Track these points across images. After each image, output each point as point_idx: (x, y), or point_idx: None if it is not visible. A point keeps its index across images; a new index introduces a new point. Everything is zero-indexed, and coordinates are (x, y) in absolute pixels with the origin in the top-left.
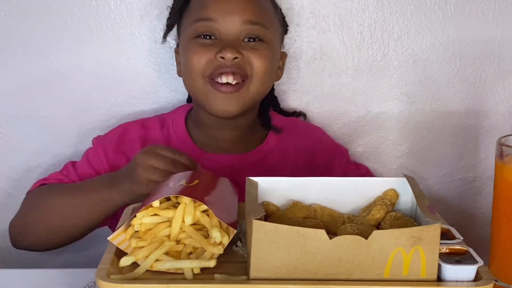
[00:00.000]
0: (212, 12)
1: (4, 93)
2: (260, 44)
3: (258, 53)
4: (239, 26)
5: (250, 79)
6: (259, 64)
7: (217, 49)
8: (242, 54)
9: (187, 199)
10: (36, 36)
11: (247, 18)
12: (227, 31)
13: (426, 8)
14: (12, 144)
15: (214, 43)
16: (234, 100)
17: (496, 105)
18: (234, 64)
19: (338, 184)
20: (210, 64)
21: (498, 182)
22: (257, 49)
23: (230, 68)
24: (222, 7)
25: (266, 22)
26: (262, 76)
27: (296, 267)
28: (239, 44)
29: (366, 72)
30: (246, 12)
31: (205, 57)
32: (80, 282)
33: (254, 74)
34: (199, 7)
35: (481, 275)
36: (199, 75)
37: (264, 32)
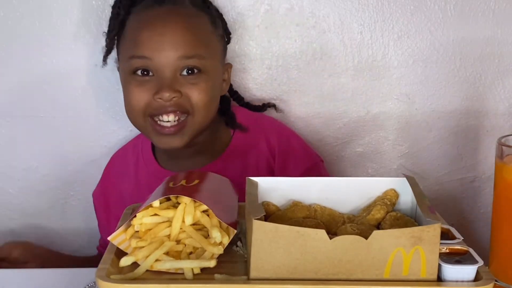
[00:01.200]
0: (146, 50)
1: (4, 93)
2: (199, 77)
3: (196, 88)
4: (174, 62)
5: (192, 114)
6: (198, 99)
7: (154, 89)
8: (180, 92)
9: (187, 199)
10: (36, 36)
11: (182, 54)
12: (162, 68)
13: (426, 8)
14: (12, 144)
15: (151, 80)
16: (178, 137)
17: (496, 105)
18: (172, 103)
19: (338, 184)
20: (150, 105)
21: (498, 182)
22: (195, 83)
23: (169, 108)
24: (155, 44)
25: (203, 51)
26: (203, 109)
27: (296, 267)
28: (176, 81)
29: (366, 72)
30: (180, 47)
31: (143, 97)
32: (80, 282)
33: (195, 108)
34: (133, 43)
35: (481, 275)
36: (140, 114)
37: (202, 62)
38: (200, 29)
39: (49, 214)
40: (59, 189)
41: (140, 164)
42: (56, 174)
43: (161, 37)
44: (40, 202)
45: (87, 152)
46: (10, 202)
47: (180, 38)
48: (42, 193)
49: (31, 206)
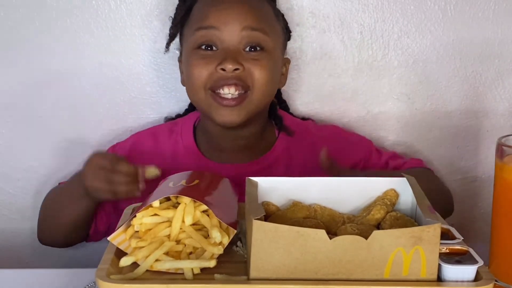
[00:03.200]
0: (213, 20)
1: (4, 93)
2: (261, 54)
3: (259, 64)
4: (239, 33)
5: (252, 90)
6: (260, 75)
7: (218, 61)
8: (242, 65)
9: (187, 199)
10: (36, 36)
11: (248, 25)
12: (228, 39)
13: (426, 8)
14: (12, 144)
15: (215, 54)
16: (236, 111)
17: (496, 105)
18: (234, 75)
19: (338, 184)
20: (211, 77)
21: (498, 182)
22: (258, 59)
23: (231, 80)
24: (222, 15)
25: (267, 28)
26: (263, 87)
27: (296, 267)
28: (239, 55)
29: (366, 72)
30: (247, 18)
31: (206, 70)
32: (80, 282)
33: (255, 84)
34: (200, 16)
35: (481, 275)
36: (201, 87)
37: (265, 38)
38: (264, 11)
39: None
40: None
41: (179, 151)
42: (56, 174)
43: (228, 10)
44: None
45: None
46: (10, 202)
47: (245, 12)
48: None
49: (31, 206)
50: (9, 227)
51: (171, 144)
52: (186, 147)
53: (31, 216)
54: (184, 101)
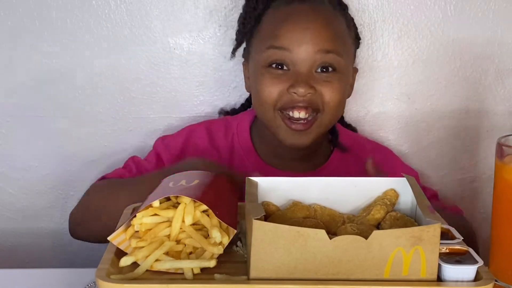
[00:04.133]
0: (285, 41)
1: (4, 93)
2: (333, 75)
3: (330, 87)
4: (312, 55)
5: (322, 112)
6: (331, 98)
7: (289, 82)
8: (314, 89)
9: (187, 199)
10: (36, 36)
11: (321, 47)
12: (300, 61)
13: (426, 8)
14: (12, 144)
15: (286, 74)
16: (306, 135)
17: (496, 105)
18: (306, 99)
19: (338, 184)
20: (282, 97)
21: (498, 182)
22: (330, 81)
23: (302, 103)
24: (296, 36)
25: (341, 48)
26: (334, 108)
27: (296, 267)
28: (311, 78)
29: (366, 72)
30: (321, 41)
31: (277, 90)
32: (80, 282)
33: (326, 107)
34: (272, 34)
35: (481, 275)
36: (271, 107)
37: (338, 60)
38: (338, 28)
39: (49, 214)
40: (59, 189)
41: (237, 150)
42: (56, 174)
43: (302, 30)
44: (40, 202)
45: (87, 152)
46: (10, 202)
47: (320, 33)
48: (42, 193)
49: (31, 206)
50: (9, 227)
51: (228, 141)
52: (243, 148)
53: (31, 216)
54: (184, 101)
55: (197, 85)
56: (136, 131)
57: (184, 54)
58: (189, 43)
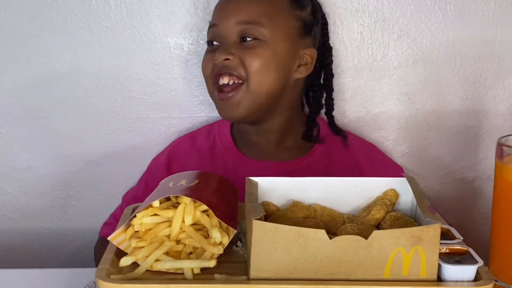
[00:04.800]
0: (215, 17)
1: (4, 93)
2: (256, 43)
3: (251, 53)
4: (233, 27)
5: (247, 80)
6: (252, 63)
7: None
8: (233, 54)
9: (187, 199)
10: (36, 36)
11: (241, 19)
12: (224, 34)
13: (426, 8)
14: (12, 144)
15: (216, 48)
16: (234, 105)
17: (496, 105)
18: (226, 65)
19: (338, 184)
20: (213, 70)
21: (498, 182)
22: (250, 48)
23: (223, 69)
24: (221, 11)
25: (264, 20)
26: (258, 75)
27: (296, 267)
28: (232, 46)
29: (366, 72)
30: (241, 13)
31: (210, 63)
32: (80, 282)
33: (249, 73)
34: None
35: (481, 275)
36: (209, 80)
37: (261, 30)
38: (267, 4)
39: (49, 214)
40: (59, 189)
41: (218, 149)
42: (56, 174)
43: (227, 5)
44: (40, 202)
45: (87, 152)
46: (10, 202)
47: (242, 6)
48: (42, 193)
49: (31, 206)
50: (9, 227)
51: (209, 143)
52: (224, 144)
53: (31, 216)
54: (184, 101)
55: (197, 85)
56: (136, 131)
57: (184, 54)
58: (189, 43)
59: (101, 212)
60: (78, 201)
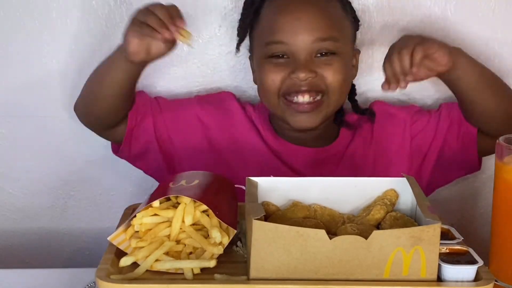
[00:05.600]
0: (283, 35)
1: (4, 93)
2: (333, 58)
3: (331, 69)
4: (310, 45)
5: (327, 95)
6: (333, 79)
7: (290, 68)
8: (315, 72)
9: (187, 199)
10: (36, 36)
11: (317, 37)
12: (298, 51)
13: (426, 8)
14: (12, 144)
15: (287, 62)
16: (314, 116)
17: None
18: (307, 82)
19: (338, 184)
20: (285, 83)
21: (498, 182)
22: (330, 64)
23: (304, 87)
24: (292, 29)
25: (337, 34)
26: (338, 90)
27: (296, 267)
28: (311, 62)
29: (366, 72)
30: (316, 30)
31: (279, 77)
32: (80, 282)
33: (330, 89)
34: (270, 29)
35: (481, 275)
36: (275, 93)
37: (336, 45)
38: (333, 13)
39: (49, 214)
40: (59, 189)
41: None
42: (56, 174)
43: (297, 21)
44: (40, 202)
45: (87, 152)
46: (10, 202)
47: (315, 22)
48: (42, 193)
49: (31, 206)
50: (9, 227)
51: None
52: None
53: (31, 216)
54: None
55: (197, 85)
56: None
57: (184, 54)
58: None
59: (101, 212)
60: (78, 201)
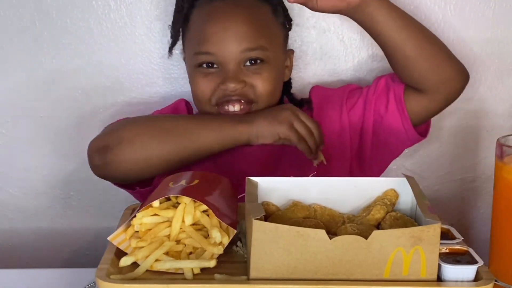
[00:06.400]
0: (210, 46)
1: (4, 93)
2: (262, 66)
3: (260, 78)
4: (238, 55)
5: (257, 102)
6: (263, 89)
7: (219, 79)
8: (244, 82)
9: (187, 199)
10: (36, 36)
11: (245, 47)
12: (226, 61)
13: (426, 8)
14: (12, 144)
15: (216, 71)
16: None
17: (496, 105)
18: (237, 93)
19: (338, 184)
20: (215, 93)
21: (498, 182)
22: (259, 73)
23: (234, 97)
24: (218, 39)
25: (266, 42)
26: (267, 97)
27: (296, 267)
28: (240, 72)
29: (366, 72)
30: (244, 40)
31: (209, 88)
32: (80, 282)
33: (259, 97)
34: (198, 38)
35: (481, 275)
36: (207, 103)
37: (265, 54)
38: (262, 20)
39: (49, 214)
40: (59, 189)
41: None
42: (56, 174)
43: (224, 31)
44: (40, 202)
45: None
46: (10, 202)
47: (242, 32)
48: (42, 193)
49: (31, 206)
50: (9, 227)
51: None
52: None
53: (31, 216)
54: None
55: None
56: None
57: None
58: None
59: (101, 212)
60: (78, 201)
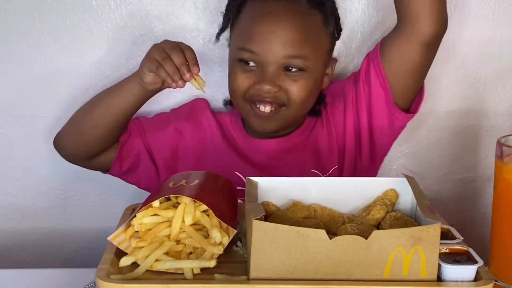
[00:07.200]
0: (254, 45)
1: (4, 93)
2: (300, 74)
3: (296, 85)
4: (279, 59)
5: (287, 107)
6: (297, 96)
7: (257, 78)
8: (279, 86)
9: (187, 199)
10: (36, 36)
11: (288, 53)
12: (267, 63)
13: None
14: (12, 144)
15: (255, 70)
16: (272, 122)
17: (496, 105)
18: (271, 95)
19: (338, 184)
20: (250, 90)
21: (498, 182)
22: (296, 80)
23: (267, 99)
24: (264, 41)
25: (309, 52)
26: (300, 105)
27: (296, 267)
28: (277, 76)
29: None
30: (288, 46)
31: (245, 84)
32: (80, 282)
33: (291, 102)
34: (245, 35)
35: (481, 275)
36: (241, 97)
37: (305, 63)
38: (310, 29)
39: (49, 214)
40: (59, 189)
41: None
42: (56, 174)
43: (270, 34)
44: (40, 202)
45: None
46: (10, 202)
47: (288, 38)
48: (42, 193)
49: (31, 206)
50: (9, 227)
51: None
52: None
53: (31, 216)
54: (183, 101)
55: None
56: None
57: None
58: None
59: (101, 212)
60: (78, 201)
